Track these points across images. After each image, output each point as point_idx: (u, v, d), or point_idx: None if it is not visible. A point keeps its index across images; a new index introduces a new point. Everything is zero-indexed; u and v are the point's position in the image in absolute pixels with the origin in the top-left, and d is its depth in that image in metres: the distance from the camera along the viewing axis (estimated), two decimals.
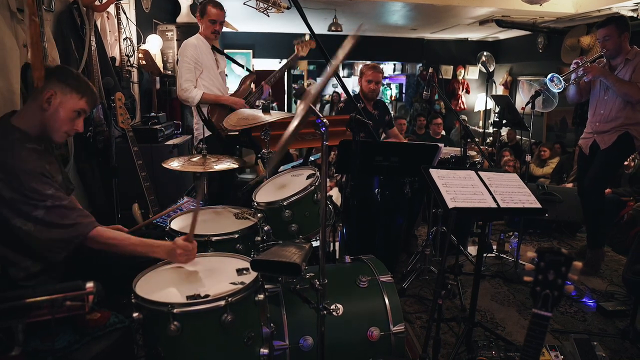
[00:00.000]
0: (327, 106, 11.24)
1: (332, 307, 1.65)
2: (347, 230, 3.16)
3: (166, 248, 1.79)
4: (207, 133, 3.50)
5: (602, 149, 3.46)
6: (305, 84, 11.93)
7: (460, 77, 9.56)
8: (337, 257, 3.13)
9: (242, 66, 3.94)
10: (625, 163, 4.76)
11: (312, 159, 3.67)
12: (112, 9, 3.72)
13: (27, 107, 1.81)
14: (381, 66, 12.57)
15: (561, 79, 3.43)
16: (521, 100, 7.94)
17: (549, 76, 3.47)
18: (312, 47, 3.76)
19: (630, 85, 3.23)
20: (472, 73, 9.63)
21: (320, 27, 6.90)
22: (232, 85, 3.95)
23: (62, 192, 1.75)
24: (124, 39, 3.96)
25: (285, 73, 9.69)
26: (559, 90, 3.55)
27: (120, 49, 3.90)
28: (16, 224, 1.64)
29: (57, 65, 1.87)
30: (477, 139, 3.28)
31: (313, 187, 2.21)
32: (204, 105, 3.52)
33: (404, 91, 11.27)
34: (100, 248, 1.77)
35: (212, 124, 3.45)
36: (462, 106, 9.56)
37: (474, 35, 8.89)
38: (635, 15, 5.21)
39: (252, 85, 3.79)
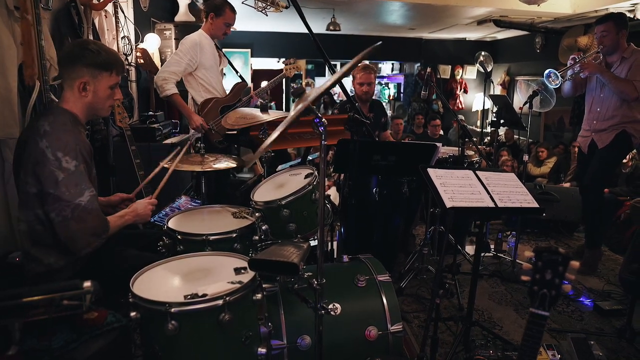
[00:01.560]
0: (321, 107, 11.23)
1: (330, 306, 1.65)
2: (345, 229, 3.15)
3: (131, 211, 1.98)
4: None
5: (600, 147, 3.47)
6: (304, 83, 11.92)
7: (458, 77, 9.57)
8: (335, 256, 3.13)
9: (237, 72, 3.96)
10: (624, 161, 4.77)
11: (310, 158, 3.68)
12: (110, 7, 3.70)
13: (68, 95, 1.85)
14: (379, 65, 12.50)
15: (558, 74, 3.44)
16: (519, 100, 7.97)
17: (546, 72, 3.49)
18: (298, 71, 4.01)
19: (627, 83, 3.24)
20: (470, 73, 9.64)
21: (319, 27, 6.90)
22: (228, 85, 3.95)
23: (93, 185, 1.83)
24: (122, 38, 3.95)
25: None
26: (556, 87, 3.56)
27: (118, 48, 3.89)
28: (48, 212, 1.71)
29: (74, 44, 1.91)
30: (474, 139, 3.28)
31: (311, 187, 2.21)
32: (195, 105, 3.53)
33: (402, 91, 11.27)
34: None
35: (209, 133, 3.46)
36: (460, 106, 9.57)
37: (472, 35, 8.90)
38: (632, 16, 5.22)
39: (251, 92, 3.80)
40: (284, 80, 4.10)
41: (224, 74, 4.26)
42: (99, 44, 1.91)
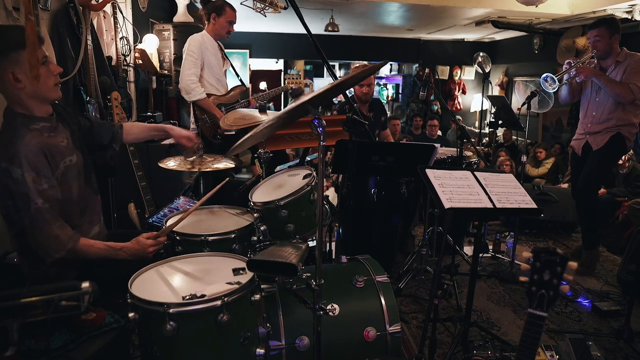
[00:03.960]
0: (320, 107, 11.22)
1: (329, 307, 1.66)
2: (344, 230, 3.16)
3: (130, 249, 1.84)
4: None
5: (594, 149, 3.49)
6: (302, 84, 11.92)
7: (456, 78, 9.58)
8: (334, 257, 3.13)
9: (238, 75, 3.99)
10: (620, 163, 4.79)
11: (309, 159, 3.68)
12: (108, 8, 3.70)
13: (11, 94, 1.70)
14: None
15: (555, 78, 3.46)
16: (517, 100, 7.98)
17: (543, 76, 3.50)
18: (300, 86, 4.03)
19: (622, 86, 3.26)
20: (468, 73, 9.66)
21: (317, 27, 6.90)
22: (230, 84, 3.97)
23: (55, 192, 1.72)
24: (121, 38, 3.95)
25: (282, 73, 9.69)
26: (554, 90, 3.58)
27: (116, 48, 3.89)
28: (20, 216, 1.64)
29: None
30: (473, 140, 3.28)
31: (309, 187, 2.20)
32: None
33: (400, 91, 11.29)
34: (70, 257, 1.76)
35: (203, 126, 3.46)
36: (459, 107, 9.58)
37: (470, 36, 8.91)
38: (629, 17, 5.24)
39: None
40: (281, 80, 4.10)
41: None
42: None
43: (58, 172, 1.76)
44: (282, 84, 4.04)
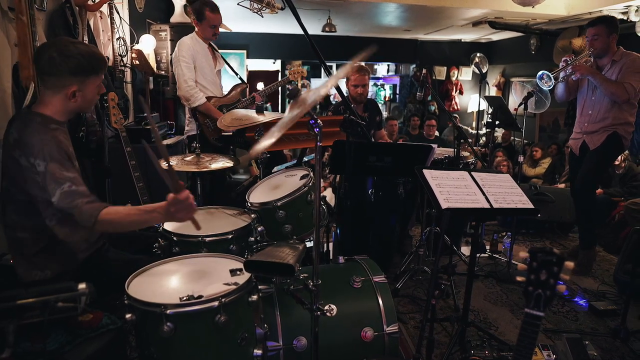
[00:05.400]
0: (317, 108, 11.22)
1: (326, 307, 1.65)
2: (341, 230, 3.16)
3: (162, 210, 1.66)
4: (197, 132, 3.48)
5: (591, 149, 3.50)
6: (299, 84, 11.92)
7: (453, 78, 9.60)
8: (331, 257, 3.13)
9: (237, 74, 3.96)
10: (616, 163, 4.81)
11: (306, 159, 3.67)
12: (105, 8, 3.69)
13: (49, 98, 1.75)
14: (375, 67, 12.49)
15: (551, 76, 3.46)
16: (514, 101, 7.99)
17: (538, 74, 3.51)
18: (303, 75, 4.00)
19: (617, 85, 3.27)
20: (465, 74, 9.67)
21: (314, 28, 6.90)
22: (226, 85, 3.95)
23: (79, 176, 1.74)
24: (117, 39, 3.94)
25: (280, 74, 9.69)
26: (549, 88, 3.58)
27: (113, 49, 3.88)
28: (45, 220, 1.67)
29: (49, 49, 1.72)
30: (470, 140, 3.29)
31: (307, 188, 2.21)
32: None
33: (397, 92, 11.29)
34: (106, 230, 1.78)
35: (206, 130, 3.46)
36: (456, 107, 9.60)
37: (468, 36, 8.93)
38: (625, 18, 5.26)
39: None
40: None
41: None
42: (77, 43, 1.79)
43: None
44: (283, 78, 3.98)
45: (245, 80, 4.00)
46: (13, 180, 1.69)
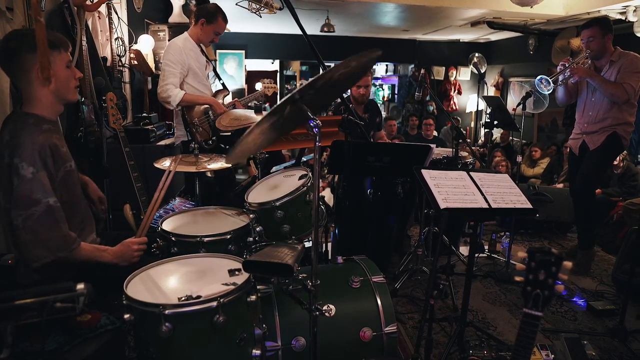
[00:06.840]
0: None
1: (325, 307, 1.65)
2: (340, 230, 3.16)
3: (114, 251, 1.84)
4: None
5: (591, 149, 3.51)
6: (298, 85, 11.93)
7: (452, 78, 9.61)
8: (330, 257, 3.13)
9: (220, 78, 3.97)
10: (615, 163, 4.82)
11: (305, 159, 3.67)
12: (103, 8, 3.69)
13: (29, 93, 1.74)
14: (374, 67, 12.56)
15: (550, 80, 3.47)
16: (512, 101, 8.00)
17: (537, 78, 3.52)
18: (275, 91, 4.11)
19: (616, 86, 3.28)
20: (463, 74, 9.69)
21: (313, 28, 6.90)
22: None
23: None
24: (116, 39, 3.93)
25: (278, 74, 9.69)
26: (549, 92, 3.59)
27: (111, 49, 3.88)
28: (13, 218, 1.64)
29: (4, 40, 1.74)
30: (468, 140, 3.29)
31: (305, 188, 2.20)
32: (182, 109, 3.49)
33: (396, 92, 11.30)
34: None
35: (193, 132, 3.41)
36: (454, 107, 9.61)
37: (466, 36, 8.94)
38: (623, 18, 5.27)
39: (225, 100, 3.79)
40: (277, 81, 4.09)
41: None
42: (29, 29, 1.79)
43: (59, 174, 1.76)
44: (260, 89, 4.00)
45: (245, 81, 4.00)
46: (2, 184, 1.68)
